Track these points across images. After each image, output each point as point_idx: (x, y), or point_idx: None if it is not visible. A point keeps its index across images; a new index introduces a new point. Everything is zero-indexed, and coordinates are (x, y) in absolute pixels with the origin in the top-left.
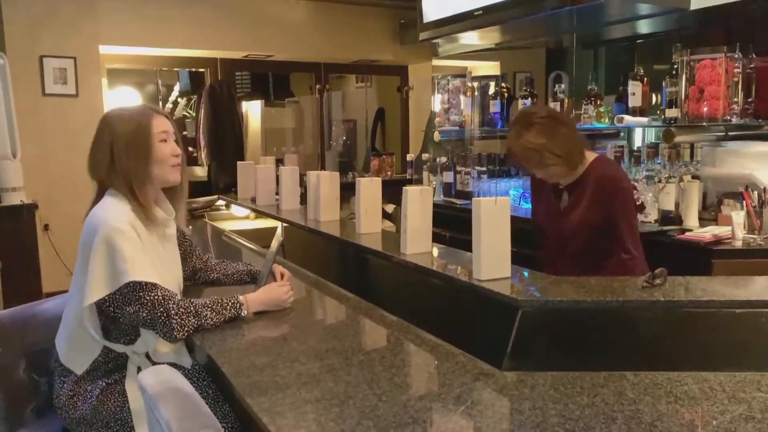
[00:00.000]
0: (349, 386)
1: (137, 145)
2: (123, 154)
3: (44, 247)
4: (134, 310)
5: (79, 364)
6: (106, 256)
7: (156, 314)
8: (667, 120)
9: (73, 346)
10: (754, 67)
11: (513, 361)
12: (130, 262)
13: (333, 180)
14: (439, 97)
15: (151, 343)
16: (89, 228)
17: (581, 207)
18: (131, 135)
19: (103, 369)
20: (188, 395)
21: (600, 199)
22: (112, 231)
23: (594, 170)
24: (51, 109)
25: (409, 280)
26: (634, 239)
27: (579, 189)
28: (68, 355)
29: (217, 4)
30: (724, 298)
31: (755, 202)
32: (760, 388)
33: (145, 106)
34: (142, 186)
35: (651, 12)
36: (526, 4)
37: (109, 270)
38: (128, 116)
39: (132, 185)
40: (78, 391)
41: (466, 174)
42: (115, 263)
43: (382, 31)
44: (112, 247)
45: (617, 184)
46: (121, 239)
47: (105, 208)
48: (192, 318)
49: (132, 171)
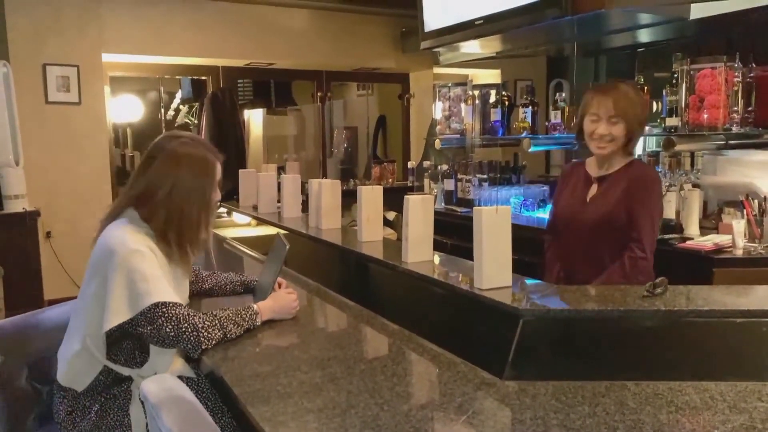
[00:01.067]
0: (350, 395)
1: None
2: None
3: (46, 255)
4: (157, 328)
5: (79, 383)
6: (126, 279)
7: (182, 329)
8: (668, 129)
9: (74, 366)
10: (753, 76)
11: (514, 371)
12: (152, 283)
13: (334, 188)
14: (440, 105)
15: (158, 365)
16: (105, 249)
17: (611, 199)
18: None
19: (103, 385)
20: (191, 404)
21: (634, 195)
22: (131, 253)
23: (632, 168)
24: (54, 117)
25: (410, 289)
26: (651, 242)
27: (611, 182)
28: (67, 375)
29: (219, 13)
30: (725, 308)
31: (756, 210)
32: (761, 398)
33: (208, 145)
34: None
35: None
36: (527, 13)
37: (130, 293)
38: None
39: (182, 232)
40: (77, 407)
41: (467, 182)
42: (135, 285)
43: (383, 39)
44: (132, 269)
45: (655, 183)
46: (140, 261)
47: (122, 230)
48: (217, 331)
49: (194, 218)
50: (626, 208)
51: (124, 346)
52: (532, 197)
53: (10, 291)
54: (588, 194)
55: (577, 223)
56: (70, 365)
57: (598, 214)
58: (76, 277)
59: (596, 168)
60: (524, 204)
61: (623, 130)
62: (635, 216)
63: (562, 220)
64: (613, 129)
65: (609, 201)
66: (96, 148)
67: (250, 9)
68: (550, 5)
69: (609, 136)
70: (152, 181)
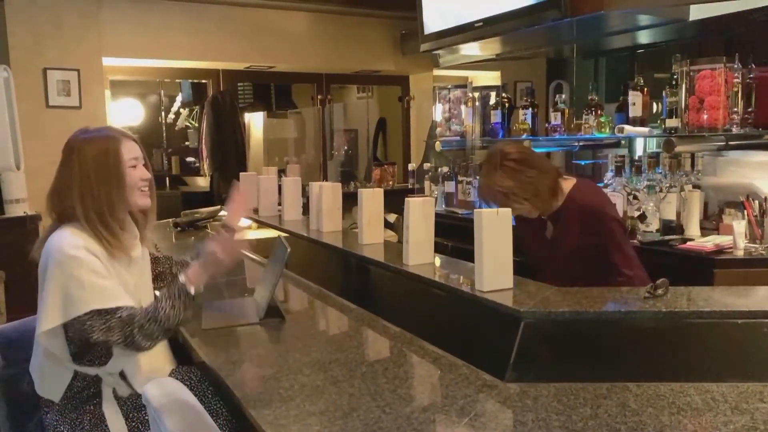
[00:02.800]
0: (352, 398)
1: (106, 171)
2: (93, 182)
3: None
4: (104, 335)
5: (54, 392)
6: (60, 283)
7: (125, 334)
8: (668, 130)
9: (45, 374)
10: (753, 77)
11: (516, 373)
12: (88, 290)
13: (335, 191)
14: (440, 107)
15: (124, 362)
16: (44, 257)
17: (569, 237)
18: (98, 159)
19: (85, 395)
20: (193, 408)
21: (586, 230)
22: (67, 258)
23: (574, 200)
24: (54, 121)
25: (411, 292)
26: (628, 261)
27: (562, 219)
28: (42, 384)
29: (219, 16)
30: (726, 309)
31: (756, 211)
32: (762, 399)
33: (112, 129)
34: (114, 213)
35: (650, 23)
36: (527, 15)
37: (64, 299)
38: (96, 142)
39: (102, 213)
40: (64, 420)
41: (468, 184)
42: (70, 291)
43: (383, 42)
44: (68, 275)
45: (601, 212)
46: (76, 267)
47: (60, 237)
48: (153, 324)
49: (104, 198)
50: (588, 241)
51: (90, 347)
52: None
53: (11, 295)
54: (548, 233)
55: (548, 263)
56: (41, 375)
57: (565, 252)
58: None
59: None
60: None
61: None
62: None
63: (534, 260)
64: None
65: (569, 236)
66: None
67: (250, 12)
68: (549, 7)
69: (529, 214)
70: (59, 187)
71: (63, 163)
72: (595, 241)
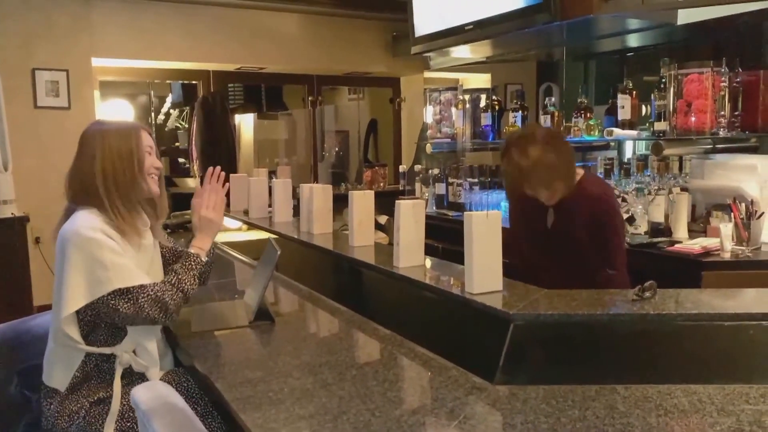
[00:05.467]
0: (342, 401)
1: (127, 154)
2: (114, 165)
3: (35, 261)
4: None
5: (61, 379)
6: (82, 265)
7: (159, 308)
8: (656, 133)
9: (54, 360)
10: (740, 81)
11: (505, 375)
12: (112, 270)
13: (326, 193)
14: (431, 109)
15: (139, 339)
16: (61, 241)
17: (573, 225)
18: (120, 144)
19: (86, 387)
20: (182, 411)
21: (593, 219)
22: (85, 240)
23: (584, 189)
24: (43, 122)
25: (402, 294)
26: (622, 257)
27: (567, 207)
28: (49, 371)
29: (210, 17)
30: (713, 311)
31: (743, 214)
32: (748, 400)
33: (132, 121)
34: (135, 193)
35: (639, 26)
36: (517, 18)
37: (88, 279)
38: (118, 128)
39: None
40: (63, 411)
41: (458, 186)
42: (94, 272)
43: (374, 44)
44: (89, 256)
45: (610, 204)
46: (96, 248)
47: (73, 220)
48: (180, 294)
49: (128, 178)
50: (592, 230)
51: (102, 327)
52: None
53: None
54: (547, 221)
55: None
56: (50, 363)
57: (565, 243)
58: None
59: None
60: None
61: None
62: (602, 238)
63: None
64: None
65: (574, 224)
66: None
67: (241, 13)
68: (539, 11)
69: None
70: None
71: (83, 148)
72: (598, 231)
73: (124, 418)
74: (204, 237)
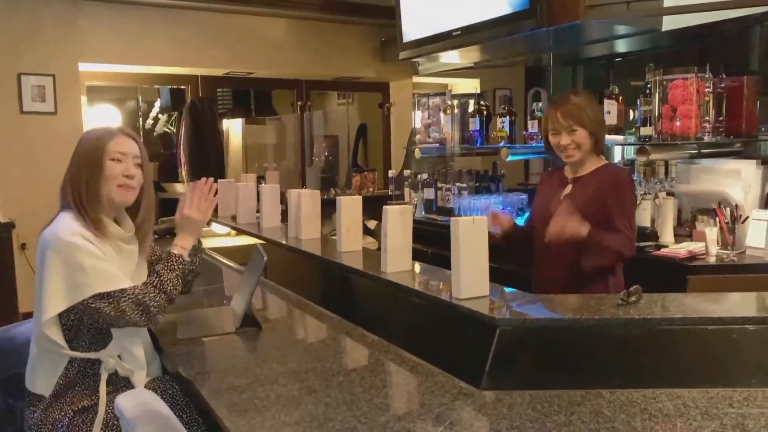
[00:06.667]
0: (328, 408)
1: (89, 160)
2: (77, 168)
3: (21, 267)
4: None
5: (44, 385)
6: (62, 269)
7: (140, 311)
8: (642, 138)
9: (38, 365)
10: (724, 87)
11: (491, 381)
12: (92, 274)
13: (314, 198)
14: (419, 115)
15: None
16: (41, 244)
17: (584, 196)
18: (87, 150)
19: (70, 395)
20: (167, 419)
21: (608, 195)
22: (65, 245)
23: (606, 170)
24: (29, 127)
25: (389, 299)
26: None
27: (585, 181)
28: (32, 377)
29: (198, 22)
30: (697, 315)
31: (728, 218)
32: (732, 404)
33: (115, 128)
34: (91, 201)
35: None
36: (504, 24)
37: (68, 283)
38: (92, 133)
39: (82, 199)
40: (47, 419)
41: (447, 190)
42: (74, 276)
43: (363, 49)
44: (68, 260)
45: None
46: (76, 252)
47: (54, 224)
48: (163, 296)
49: (82, 184)
50: (600, 207)
51: (85, 333)
52: (511, 205)
53: None
54: (563, 193)
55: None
56: (33, 369)
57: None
58: None
59: (572, 172)
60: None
61: (585, 135)
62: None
63: (537, 217)
64: (575, 137)
65: (582, 198)
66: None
67: (230, 18)
68: (525, 17)
69: (573, 144)
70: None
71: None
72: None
73: (108, 426)
74: (186, 236)
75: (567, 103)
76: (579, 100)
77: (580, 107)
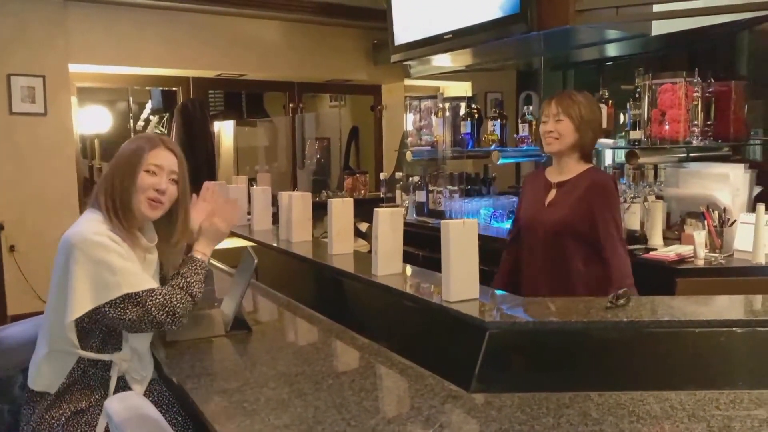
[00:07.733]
0: (318, 411)
1: (125, 168)
2: (112, 173)
3: (10, 269)
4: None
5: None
6: (89, 269)
7: (168, 312)
8: (631, 141)
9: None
10: (712, 91)
11: (481, 383)
12: (120, 274)
13: (305, 200)
14: (411, 117)
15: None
16: (65, 245)
17: (569, 202)
18: (125, 157)
19: (69, 395)
20: (156, 422)
21: (590, 201)
22: (92, 244)
23: (589, 175)
24: (18, 128)
25: (380, 302)
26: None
27: (569, 187)
28: (38, 379)
29: (190, 24)
30: (685, 318)
31: (716, 221)
32: (718, 406)
33: (158, 138)
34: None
35: (616, 37)
36: (494, 28)
37: (95, 283)
38: (134, 141)
39: (115, 205)
40: (45, 418)
41: (439, 193)
42: (101, 276)
43: (355, 51)
44: (96, 260)
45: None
46: (104, 253)
47: (80, 224)
48: (189, 299)
49: (116, 192)
50: (585, 214)
51: (96, 334)
52: (501, 208)
53: None
54: (547, 199)
55: (537, 226)
56: (40, 369)
57: (556, 217)
58: (42, 291)
59: (556, 174)
60: (494, 215)
61: (570, 128)
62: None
63: (523, 223)
64: (558, 126)
65: (567, 204)
66: (63, 159)
67: (221, 20)
68: (516, 21)
69: (555, 132)
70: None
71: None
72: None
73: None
74: (209, 243)
75: (565, 95)
76: (579, 97)
77: (575, 102)
